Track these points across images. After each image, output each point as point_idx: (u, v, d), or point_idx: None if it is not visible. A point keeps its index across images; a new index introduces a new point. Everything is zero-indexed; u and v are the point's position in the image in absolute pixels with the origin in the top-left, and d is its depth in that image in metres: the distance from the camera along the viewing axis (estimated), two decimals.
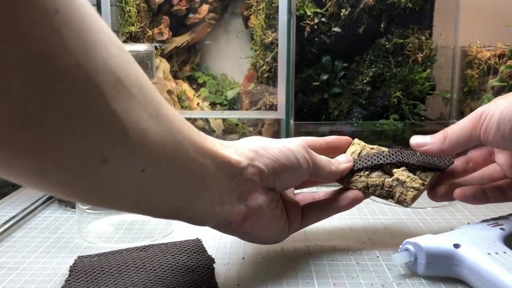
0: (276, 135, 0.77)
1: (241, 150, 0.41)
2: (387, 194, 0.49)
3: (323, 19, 0.75)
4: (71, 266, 0.45)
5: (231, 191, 0.40)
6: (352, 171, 0.50)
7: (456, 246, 0.42)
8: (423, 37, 0.77)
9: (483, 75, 0.76)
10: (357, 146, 0.52)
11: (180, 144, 0.34)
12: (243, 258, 0.49)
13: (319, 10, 0.75)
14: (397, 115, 0.77)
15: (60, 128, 0.25)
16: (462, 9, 0.77)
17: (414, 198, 0.48)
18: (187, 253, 0.47)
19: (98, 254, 0.48)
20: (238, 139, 0.45)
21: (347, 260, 0.48)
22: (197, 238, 0.52)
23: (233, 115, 0.78)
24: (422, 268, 0.43)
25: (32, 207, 0.61)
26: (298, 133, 0.78)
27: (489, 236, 0.44)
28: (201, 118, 0.79)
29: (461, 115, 0.79)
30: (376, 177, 0.49)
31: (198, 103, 0.82)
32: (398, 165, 0.50)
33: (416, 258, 0.43)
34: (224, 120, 0.79)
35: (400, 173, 0.49)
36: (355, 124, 0.78)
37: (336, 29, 0.75)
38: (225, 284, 0.43)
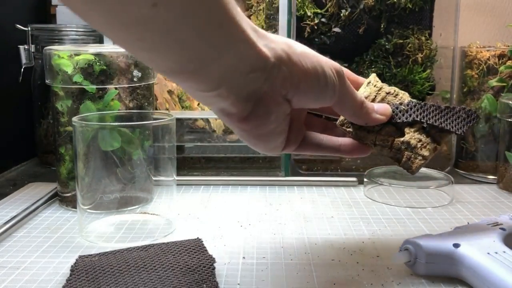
0: None
1: (274, 46, 0.36)
2: (393, 156, 0.45)
3: (323, 20, 0.75)
4: (72, 266, 0.46)
5: (245, 82, 0.35)
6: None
7: (456, 246, 0.42)
8: (423, 38, 0.77)
9: (483, 75, 0.76)
10: (372, 88, 0.46)
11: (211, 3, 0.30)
12: (244, 257, 0.49)
13: (319, 11, 0.75)
14: None
15: None
16: (462, 9, 0.77)
17: (420, 167, 0.45)
18: (187, 253, 0.47)
19: (99, 253, 0.48)
20: (239, 139, 0.45)
21: (347, 260, 0.48)
22: (197, 237, 0.52)
23: None
24: (422, 268, 0.43)
25: (33, 207, 0.61)
26: None
27: (489, 236, 0.44)
28: (202, 118, 0.79)
29: None
30: (385, 135, 0.45)
31: (198, 103, 0.82)
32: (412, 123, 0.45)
33: (416, 258, 0.43)
34: None
35: (412, 135, 0.45)
36: None
37: (336, 29, 0.75)
38: (225, 284, 0.43)
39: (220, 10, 0.30)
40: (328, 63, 0.39)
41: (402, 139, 0.45)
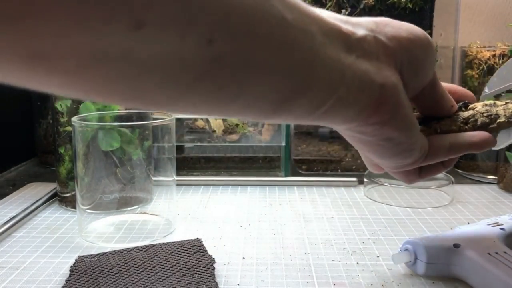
0: (276, 135, 0.77)
1: (355, 21, 0.29)
2: (489, 118, 0.39)
3: None
4: (71, 266, 0.45)
5: (358, 65, 0.28)
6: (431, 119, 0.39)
7: (456, 246, 0.42)
8: None
9: (483, 75, 0.76)
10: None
11: (271, 2, 0.22)
12: (243, 258, 0.49)
13: None
14: None
15: None
16: (462, 9, 0.77)
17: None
18: (187, 253, 0.47)
19: (99, 254, 0.48)
20: (239, 139, 0.44)
21: (347, 260, 0.48)
22: (197, 238, 0.52)
23: None
24: (422, 268, 0.43)
25: (33, 207, 0.61)
26: (298, 133, 0.79)
27: (489, 236, 0.44)
28: (201, 118, 0.79)
29: None
30: (462, 114, 0.39)
31: None
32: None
33: (416, 258, 0.43)
34: (224, 120, 0.79)
35: (478, 104, 0.40)
36: None
37: None
38: (225, 284, 0.43)
39: (286, 8, 0.23)
40: (428, 39, 0.33)
41: (480, 106, 0.40)
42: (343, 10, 0.75)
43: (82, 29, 0.16)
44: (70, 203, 0.62)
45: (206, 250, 0.49)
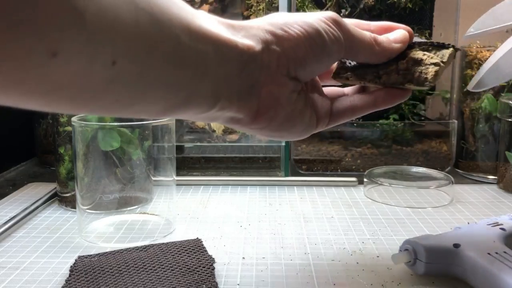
0: None
1: (254, 32, 0.33)
2: (403, 78, 0.41)
3: None
4: (71, 266, 0.45)
5: (240, 83, 0.33)
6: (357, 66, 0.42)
7: (456, 246, 0.42)
8: (423, 38, 0.77)
9: None
10: None
11: (165, 26, 0.26)
12: (243, 258, 0.49)
13: (319, 10, 0.75)
14: (397, 115, 0.77)
15: None
16: (462, 9, 0.77)
17: (436, 75, 0.40)
18: (187, 253, 0.47)
19: (99, 254, 0.48)
20: (238, 139, 0.44)
21: (347, 260, 0.48)
22: (197, 238, 0.52)
23: None
24: (422, 268, 0.43)
25: (33, 207, 0.61)
26: None
27: (489, 236, 0.44)
28: None
29: (461, 115, 0.79)
30: (386, 65, 0.41)
31: None
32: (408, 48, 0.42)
33: (416, 258, 0.43)
34: None
35: (414, 52, 0.41)
36: (355, 124, 0.78)
37: None
38: (225, 284, 0.43)
39: (184, 33, 0.28)
40: (318, 19, 0.36)
41: (405, 59, 0.41)
42: (343, 10, 0.75)
43: (10, 60, 0.20)
44: (70, 203, 0.62)
45: (206, 250, 0.49)
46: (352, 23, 0.39)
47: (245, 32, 0.33)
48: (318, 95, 0.40)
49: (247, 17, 0.83)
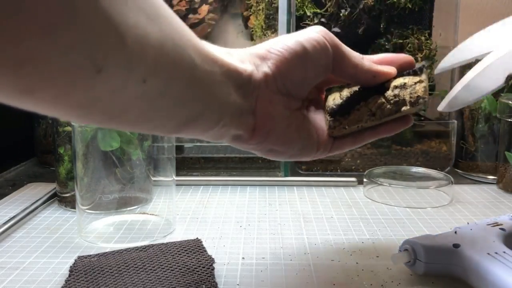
0: None
1: (244, 57, 0.38)
2: (396, 106, 0.41)
3: (322, 20, 0.75)
4: (71, 266, 0.45)
5: (239, 101, 0.37)
6: (346, 110, 0.43)
7: (456, 246, 0.42)
8: (423, 38, 0.77)
9: None
10: (336, 94, 0.45)
11: (183, 50, 0.30)
12: (243, 258, 0.49)
13: (318, 11, 0.75)
14: None
15: (43, 37, 0.21)
16: (462, 9, 0.77)
17: (426, 90, 0.41)
18: (187, 253, 0.47)
19: (98, 254, 0.48)
20: None
21: (346, 260, 0.48)
22: (197, 238, 0.52)
23: None
24: (422, 268, 0.43)
25: (32, 207, 0.61)
26: None
27: (489, 236, 0.44)
28: None
29: (461, 115, 0.79)
30: (373, 100, 0.42)
31: None
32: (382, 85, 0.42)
33: (416, 258, 0.43)
34: None
35: (394, 81, 0.42)
36: None
37: (336, 29, 0.75)
38: (224, 284, 0.43)
39: (197, 56, 0.32)
40: (308, 35, 0.38)
41: (390, 89, 0.42)
42: (343, 10, 0.75)
43: (64, 76, 0.24)
44: (69, 203, 0.62)
45: (205, 250, 0.49)
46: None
47: (239, 57, 0.37)
48: (322, 118, 0.43)
49: (247, 17, 0.83)
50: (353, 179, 0.73)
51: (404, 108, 0.41)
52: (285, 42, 0.38)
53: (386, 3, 0.75)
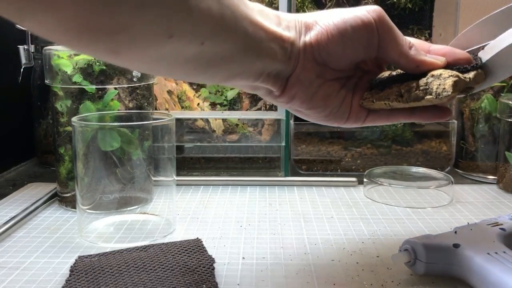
0: (276, 135, 0.77)
1: (292, 24, 0.40)
2: (423, 93, 0.41)
3: None
4: (71, 266, 0.46)
5: (281, 65, 0.40)
6: (382, 86, 0.43)
7: (456, 246, 0.42)
8: (423, 38, 0.77)
9: None
10: (389, 71, 0.45)
11: (239, 20, 0.36)
12: (243, 258, 0.49)
13: (318, 10, 0.75)
14: None
15: (135, 11, 0.29)
16: (462, 9, 0.77)
17: (456, 85, 0.39)
18: (187, 253, 0.47)
19: (99, 254, 0.48)
20: (238, 139, 0.45)
21: (347, 260, 0.48)
22: (197, 238, 0.52)
23: (233, 115, 0.78)
24: (422, 268, 0.43)
25: (33, 207, 0.61)
26: (298, 133, 0.79)
27: (489, 236, 0.44)
28: (201, 118, 0.79)
29: (461, 115, 0.79)
30: (407, 83, 0.42)
31: (198, 103, 0.82)
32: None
33: (416, 258, 0.43)
34: (224, 120, 0.79)
35: (436, 70, 0.41)
36: None
37: None
38: (225, 284, 0.43)
39: (249, 25, 0.37)
40: (358, 14, 0.40)
41: (425, 77, 0.41)
42: None
43: (145, 40, 0.32)
44: (70, 203, 0.62)
45: (206, 250, 0.49)
46: (415, 43, 0.42)
47: (287, 23, 0.40)
48: (357, 93, 0.44)
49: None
50: (353, 179, 0.73)
51: (428, 97, 0.41)
52: (332, 17, 0.40)
53: (386, 3, 0.75)
